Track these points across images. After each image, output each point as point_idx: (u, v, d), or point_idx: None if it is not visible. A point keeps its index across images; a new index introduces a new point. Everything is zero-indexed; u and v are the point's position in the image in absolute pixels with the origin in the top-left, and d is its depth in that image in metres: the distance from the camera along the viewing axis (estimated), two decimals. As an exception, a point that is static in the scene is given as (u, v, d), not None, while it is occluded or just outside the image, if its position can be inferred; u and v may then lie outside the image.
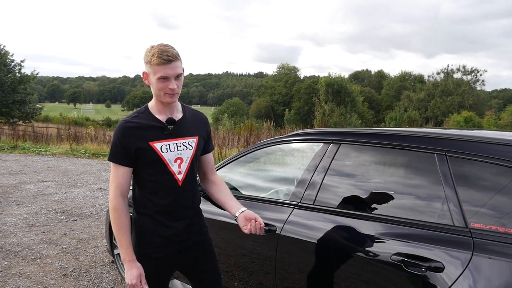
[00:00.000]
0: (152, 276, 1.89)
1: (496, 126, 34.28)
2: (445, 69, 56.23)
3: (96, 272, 3.91)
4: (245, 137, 14.00)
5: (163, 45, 1.76)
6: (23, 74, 30.98)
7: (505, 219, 1.73)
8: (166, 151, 1.83)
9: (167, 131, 1.85)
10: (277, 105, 68.90)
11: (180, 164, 1.87)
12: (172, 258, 1.92)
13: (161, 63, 1.72)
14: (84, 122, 43.52)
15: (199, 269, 2.01)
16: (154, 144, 1.81)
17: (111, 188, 1.86)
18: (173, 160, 1.85)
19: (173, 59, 1.73)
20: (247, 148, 3.04)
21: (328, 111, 42.97)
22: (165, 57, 1.71)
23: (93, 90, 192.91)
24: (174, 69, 1.75)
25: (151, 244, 1.87)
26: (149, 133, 1.82)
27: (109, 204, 1.88)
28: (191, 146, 1.91)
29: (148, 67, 1.78)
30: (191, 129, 1.94)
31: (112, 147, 1.86)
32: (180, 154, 1.87)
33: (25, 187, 7.88)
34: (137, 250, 1.87)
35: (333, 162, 2.41)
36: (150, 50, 1.76)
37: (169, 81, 1.75)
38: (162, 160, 1.83)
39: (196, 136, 1.94)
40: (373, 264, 1.99)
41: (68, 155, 13.39)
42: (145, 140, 1.80)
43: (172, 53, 1.73)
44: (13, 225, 5.38)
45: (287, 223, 2.37)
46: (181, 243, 1.92)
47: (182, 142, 1.88)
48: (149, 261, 1.88)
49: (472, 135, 2.07)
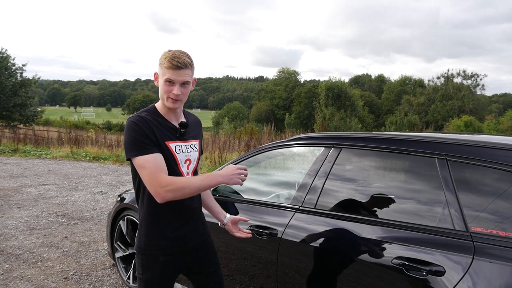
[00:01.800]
0: (158, 279, 1.89)
1: (497, 130, 34.26)
2: (445, 73, 56.30)
3: (97, 276, 3.91)
4: (245, 141, 13.98)
5: (178, 51, 1.80)
6: (24, 78, 31.04)
7: (506, 223, 1.74)
8: (179, 151, 1.87)
9: (178, 133, 1.88)
10: (278, 109, 68.96)
11: (189, 165, 1.91)
12: (178, 260, 1.93)
13: (170, 67, 1.75)
14: (85, 126, 43.54)
15: (203, 270, 2.02)
16: (169, 144, 1.84)
17: (152, 180, 1.72)
18: (184, 161, 1.89)
19: (183, 66, 1.76)
20: (248, 152, 3.05)
21: (328, 115, 42.90)
22: (175, 62, 1.75)
23: (93, 94, 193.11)
24: (181, 76, 1.77)
25: (158, 246, 1.88)
26: (163, 133, 1.84)
27: (168, 195, 1.72)
28: (196, 148, 1.97)
29: (159, 69, 1.82)
30: (193, 133, 1.99)
31: (135, 141, 1.76)
32: (189, 155, 1.91)
33: (26, 190, 7.89)
34: (144, 252, 1.88)
35: (334, 166, 2.42)
36: (165, 53, 1.81)
37: (174, 85, 1.78)
38: (175, 161, 1.85)
39: (198, 139, 2.01)
40: (374, 268, 1.99)
41: (69, 158, 13.40)
42: (161, 139, 1.82)
43: (183, 60, 1.77)
44: (14, 228, 5.38)
45: (288, 227, 2.38)
46: (187, 244, 1.93)
47: (190, 145, 1.93)
48: (156, 264, 1.88)
49: (472, 139, 2.08)
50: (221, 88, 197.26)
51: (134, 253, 3.55)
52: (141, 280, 1.91)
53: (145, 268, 1.89)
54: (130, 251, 3.58)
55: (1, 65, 29.21)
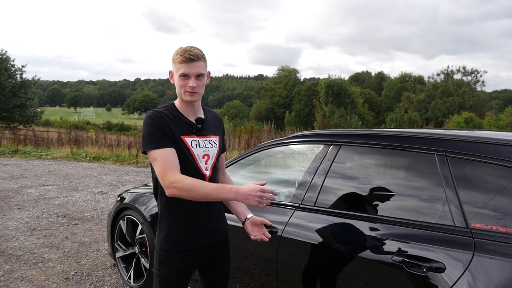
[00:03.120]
0: (174, 275, 1.90)
1: (497, 126, 34.25)
2: (445, 70, 56.22)
3: (98, 276, 3.91)
4: (245, 139, 14.00)
5: (189, 46, 1.84)
6: (24, 79, 31.04)
7: (506, 219, 1.74)
8: (195, 146, 1.88)
9: (195, 129, 1.89)
10: (278, 107, 68.89)
11: (207, 161, 1.92)
12: (196, 257, 1.94)
13: (183, 61, 1.79)
14: (85, 126, 43.48)
15: (216, 268, 2.04)
16: (186, 139, 1.86)
17: (162, 173, 1.74)
18: (201, 156, 1.89)
19: (195, 58, 1.79)
20: (248, 150, 3.05)
21: (328, 113, 42.89)
22: (187, 55, 1.78)
23: (93, 94, 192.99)
24: (195, 68, 1.80)
25: (178, 242, 1.89)
26: (179, 127, 1.85)
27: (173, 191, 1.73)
28: (215, 144, 1.97)
29: (172, 66, 1.85)
30: (213, 129, 2.00)
31: (150, 135, 1.78)
32: (207, 150, 1.92)
33: (26, 191, 7.89)
34: (163, 247, 1.89)
35: (334, 163, 2.41)
36: (177, 50, 1.83)
37: (189, 79, 1.81)
38: (192, 155, 1.86)
39: (218, 135, 2.01)
40: (374, 265, 1.99)
41: (69, 159, 13.40)
42: (177, 133, 1.83)
43: (195, 52, 1.80)
44: (14, 229, 5.38)
45: (288, 225, 2.38)
46: (206, 241, 1.94)
47: (208, 140, 1.94)
48: (174, 260, 1.89)
49: (472, 135, 2.08)
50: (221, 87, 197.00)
51: (134, 252, 3.55)
52: (157, 275, 1.92)
53: (163, 264, 1.90)
54: (131, 251, 3.58)
55: (1, 66, 29.21)
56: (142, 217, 3.34)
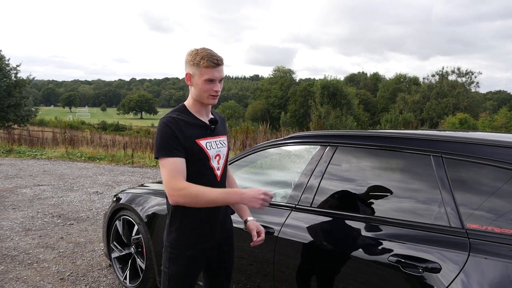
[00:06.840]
0: (184, 274, 1.93)
1: (491, 127, 34.44)
2: (440, 71, 56.42)
3: (93, 276, 3.89)
4: (241, 140, 13.99)
5: (209, 50, 1.86)
6: (18, 78, 30.82)
7: (501, 220, 1.75)
8: (210, 148, 1.92)
9: (209, 130, 1.93)
10: (273, 108, 68.90)
11: (219, 161, 1.96)
12: (205, 255, 1.97)
13: (211, 66, 1.81)
14: (80, 126, 43.28)
15: (221, 265, 2.07)
16: (200, 142, 1.89)
17: (169, 181, 1.78)
18: (214, 156, 1.93)
19: (221, 63, 1.85)
20: (244, 151, 3.05)
21: (324, 114, 43.02)
22: (215, 60, 1.82)
23: (88, 94, 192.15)
24: (221, 72, 1.86)
25: (188, 241, 1.91)
26: (194, 131, 1.88)
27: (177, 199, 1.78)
28: (225, 143, 2.03)
29: (194, 69, 1.84)
30: (221, 129, 2.05)
31: (163, 142, 1.81)
32: (219, 151, 1.97)
33: (21, 191, 7.84)
34: (174, 246, 1.91)
35: (330, 164, 2.42)
36: (197, 53, 1.83)
37: (214, 83, 1.85)
38: (207, 156, 1.90)
39: (225, 135, 2.07)
40: (370, 266, 2.00)
41: (64, 158, 13.33)
42: (192, 138, 1.86)
43: (220, 58, 1.85)
44: (9, 229, 5.35)
45: (284, 226, 2.38)
46: (214, 239, 1.98)
47: (219, 140, 1.99)
48: (183, 258, 1.92)
49: (467, 136, 2.10)
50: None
51: (130, 253, 3.54)
52: (166, 274, 1.94)
53: (172, 262, 1.92)
54: (127, 251, 3.58)
55: (-4, 66, 28.99)
56: (138, 217, 3.34)
